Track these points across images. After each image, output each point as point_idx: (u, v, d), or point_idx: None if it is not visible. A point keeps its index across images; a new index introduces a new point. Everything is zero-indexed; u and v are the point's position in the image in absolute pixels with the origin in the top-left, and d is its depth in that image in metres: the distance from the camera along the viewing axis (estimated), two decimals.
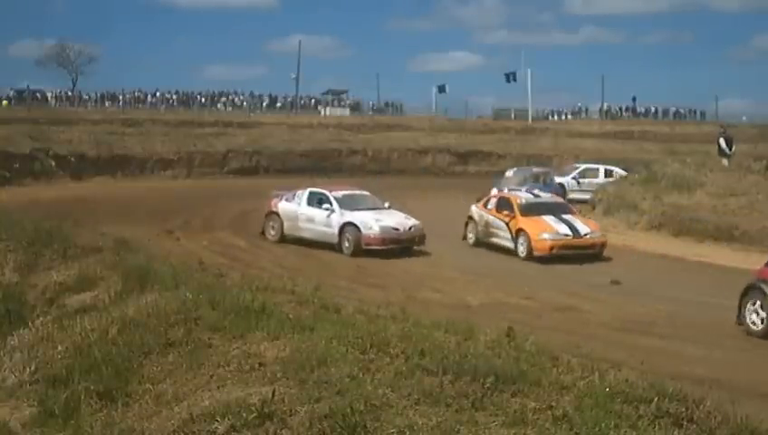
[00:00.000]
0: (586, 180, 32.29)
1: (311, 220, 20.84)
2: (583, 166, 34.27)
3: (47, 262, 13.07)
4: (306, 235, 20.91)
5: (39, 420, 7.64)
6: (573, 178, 32.73)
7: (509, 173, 30.92)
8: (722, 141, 28.41)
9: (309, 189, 21.65)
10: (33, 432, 7.55)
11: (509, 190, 26.47)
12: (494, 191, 26.14)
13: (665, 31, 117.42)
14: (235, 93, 61.88)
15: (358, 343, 7.29)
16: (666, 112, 64.03)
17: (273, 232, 21.54)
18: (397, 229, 20.29)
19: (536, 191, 23.33)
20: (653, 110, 64.35)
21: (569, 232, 20.03)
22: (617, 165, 34.38)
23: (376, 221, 20.17)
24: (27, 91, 54.10)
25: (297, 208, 21.20)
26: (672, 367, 10.33)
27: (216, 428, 6.07)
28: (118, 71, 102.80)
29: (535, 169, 32.49)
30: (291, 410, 6.07)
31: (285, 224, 21.31)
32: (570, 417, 5.91)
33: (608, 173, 32.93)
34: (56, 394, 7.78)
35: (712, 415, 6.19)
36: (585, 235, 20.15)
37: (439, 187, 35.11)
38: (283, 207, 21.51)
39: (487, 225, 21.51)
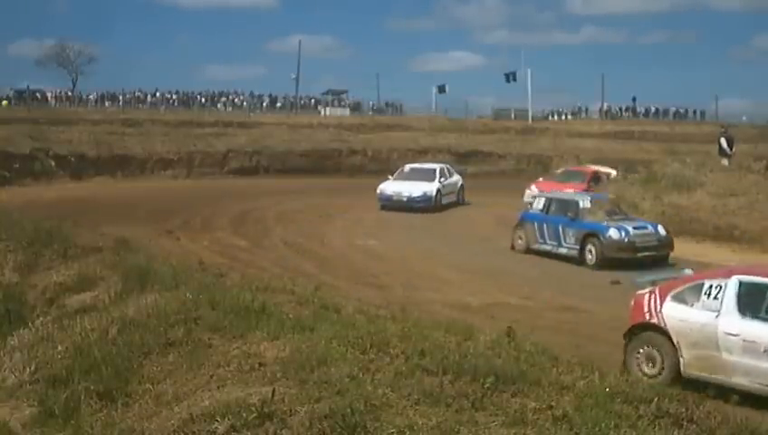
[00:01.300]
0: (447, 181, 30.52)
1: (754, 353, 9.41)
2: (438, 166, 31.86)
3: (47, 262, 13.04)
4: (747, 384, 9.43)
5: (39, 420, 7.64)
6: (440, 181, 30.20)
7: (584, 203, 20.18)
8: (723, 141, 28.38)
9: (736, 277, 9.95)
10: (33, 432, 7.55)
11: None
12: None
13: (665, 31, 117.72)
14: (235, 93, 61.92)
15: (358, 343, 7.29)
16: (666, 112, 63.99)
17: (652, 369, 10.25)
18: None
19: None
20: (653, 110, 64.30)
21: None
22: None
23: None
24: (27, 91, 54.09)
25: (715, 322, 9.80)
26: None
27: (216, 428, 6.07)
28: (118, 71, 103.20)
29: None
30: (291, 410, 6.07)
31: (686, 355, 10.03)
32: (570, 417, 5.91)
33: (449, 172, 31.46)
34: (56, 394, 7.78)
35: (712, 415, 6.20)
36: None
37: None
38: (674, 314, 10.31)
39: None
